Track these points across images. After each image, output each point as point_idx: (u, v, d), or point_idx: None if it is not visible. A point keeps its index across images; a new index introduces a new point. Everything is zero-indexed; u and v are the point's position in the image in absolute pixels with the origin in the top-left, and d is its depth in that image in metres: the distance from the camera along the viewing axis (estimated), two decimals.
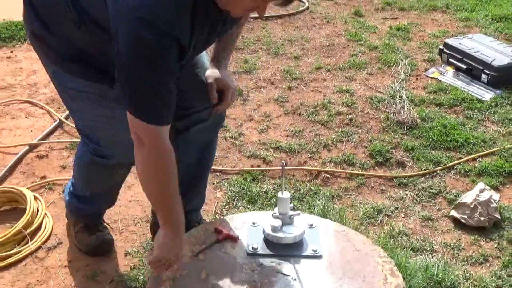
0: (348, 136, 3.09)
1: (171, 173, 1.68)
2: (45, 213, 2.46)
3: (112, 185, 2.29)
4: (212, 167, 2.79)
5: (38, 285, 2.15)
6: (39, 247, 2.31)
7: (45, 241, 2.35)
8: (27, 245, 2.28)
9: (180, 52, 1.56)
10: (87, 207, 2.33)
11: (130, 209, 2.63)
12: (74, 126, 3.11)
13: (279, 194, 1.96)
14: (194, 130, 2.16)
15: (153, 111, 1.60)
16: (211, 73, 2.00)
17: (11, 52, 4.02)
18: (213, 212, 2.52)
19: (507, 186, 2.73)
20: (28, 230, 2.32)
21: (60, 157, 2.92)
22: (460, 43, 3.77)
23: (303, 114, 3.30)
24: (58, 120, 3.21)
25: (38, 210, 2.45)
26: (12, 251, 2.26)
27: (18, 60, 3.88)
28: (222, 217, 2.30)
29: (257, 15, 1.58)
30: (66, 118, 3.20)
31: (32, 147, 2.95)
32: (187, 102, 2.07)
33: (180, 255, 1.77)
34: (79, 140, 2.97)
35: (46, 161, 2.87)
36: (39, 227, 2.38)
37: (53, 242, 2.36)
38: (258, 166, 2.85)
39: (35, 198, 2.50)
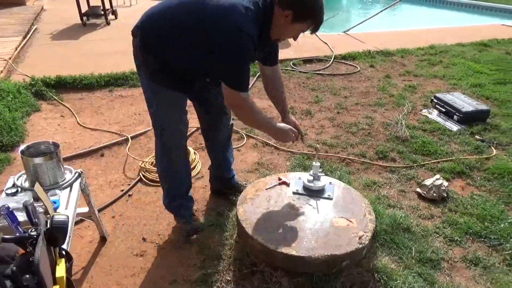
0: (365, 141, 3.07)
1: (258, 115, 1.70)
2: (198, 160, 2.71)
3: (178, 167, 2.00)
4: (285, 149, 2.93)
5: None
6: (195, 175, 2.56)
7: (197, 173, 2.61)
8: None
9: (254, 48, 1.56)
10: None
11: None
12: None
13: (314, 163, 2.07)
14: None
15: (245, 84, 1.60)
16: (287, 123, 1.90)
17: None
18: (283, 171, 2.63)
19: (456, 179, 2.62)
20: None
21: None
22: (444, 96, 3.58)
23: (342, 127, 3.30)
24: None
25: (195, 158, 2.71)
26: None
27: None
28: (284, 173, 2.45)
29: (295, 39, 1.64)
30: None
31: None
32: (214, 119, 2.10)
33: (290, 132, 1.80)
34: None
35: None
36: (195, 166, 2.63)
37: (199, 175, 2.60)
38: (311, 151, 2.91)
39: (194, 152, 2.77)
